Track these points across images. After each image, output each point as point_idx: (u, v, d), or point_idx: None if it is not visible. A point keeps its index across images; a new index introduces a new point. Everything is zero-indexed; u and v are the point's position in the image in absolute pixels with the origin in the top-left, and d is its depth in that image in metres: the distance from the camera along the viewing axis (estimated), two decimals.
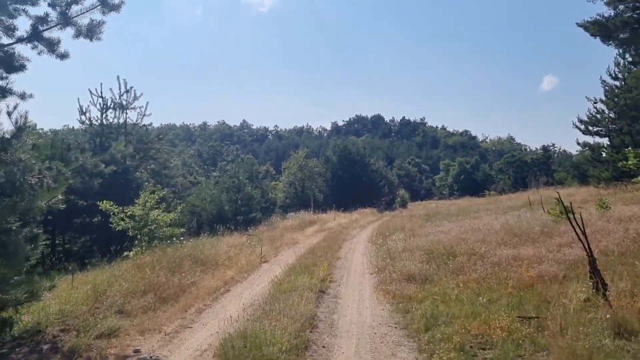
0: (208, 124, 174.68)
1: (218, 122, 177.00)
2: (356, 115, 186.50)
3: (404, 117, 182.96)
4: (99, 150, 25.88)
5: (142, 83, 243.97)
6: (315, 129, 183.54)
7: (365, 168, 59.62)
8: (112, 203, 17.44)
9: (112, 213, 17.39)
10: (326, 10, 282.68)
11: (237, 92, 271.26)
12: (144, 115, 26.87)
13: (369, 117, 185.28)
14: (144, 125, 27.02)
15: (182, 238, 18.42)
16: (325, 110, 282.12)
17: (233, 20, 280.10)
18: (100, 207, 17.54)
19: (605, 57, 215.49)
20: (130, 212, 17.34)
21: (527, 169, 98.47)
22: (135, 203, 17.68)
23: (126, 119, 26.63)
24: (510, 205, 29.65)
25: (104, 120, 26.35)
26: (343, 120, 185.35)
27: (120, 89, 26.36)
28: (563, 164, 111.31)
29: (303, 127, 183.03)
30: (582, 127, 35.54)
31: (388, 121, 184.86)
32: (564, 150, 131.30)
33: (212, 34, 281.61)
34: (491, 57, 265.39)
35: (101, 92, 26.25)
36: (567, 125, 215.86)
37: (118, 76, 26.30)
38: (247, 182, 34.86)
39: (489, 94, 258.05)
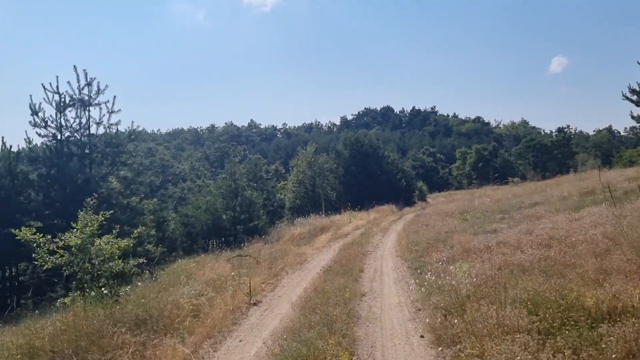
0: (216, 126, 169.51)
1: (226, 123, 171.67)
2: (365, 108, 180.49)
3: (414, 107, 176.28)
4: (56, 158, 20.60)
5: (148, 89, 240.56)
6: (324, 125, 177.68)
7: (380, 161, 53.83)
8: (34, 230, 11.90)
9: (35, 245, 11.84)
10: (328, 4, 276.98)
11: (244, 92, 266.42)
12: (111, 112, 21.41)
13: (379, 109, 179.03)
14: (112, 124, 21.51)
15: (134, 275, 12.87)
16: (333, 105, 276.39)
17: (236, 21, 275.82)
18: (17, 237, 11.96)
19: (618, 34, 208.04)
20: (64, 242, 11.87)
21: (548, 153, 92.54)
22: (73, 228, 12.22)
23: (89, 118, 21.22)
24: (563, 196, 23.86)
25: (62, 121, 20.95)
26: (352, 114, 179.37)
27: (79, 81, 20.97)
28: (581, 145, 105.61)
29: (312, 123, 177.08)
30: (634, 97, 29.70)
31: (398, 112, 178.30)
32: (580, 131, 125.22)
33: (216, 37, 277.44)
34: (497, 41, 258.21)
35: (57, 87, 20.85)
36: (581, 106, 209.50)
37: (75, 66, 20.86)
38: (246, 185, 29.35)
39: (498, 79, 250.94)
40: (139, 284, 13.45)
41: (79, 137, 21.21)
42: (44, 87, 20.58)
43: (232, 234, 27.84)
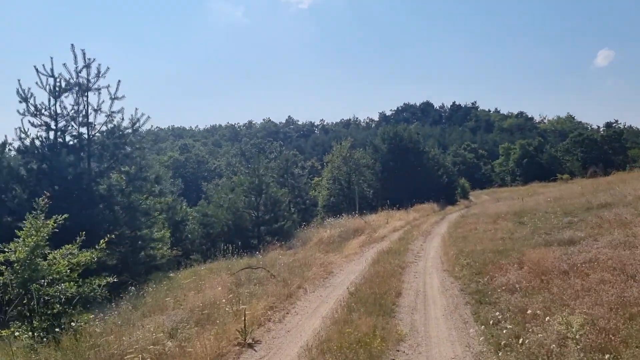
0: (253, 122, 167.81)
1: (263, 119, 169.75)
2: (404, 104, 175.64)
3: (454, 103, 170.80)
4: (48, 150, 17.85)
5: (187, 86, 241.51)
6: (362, 120, 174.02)
7: (420, 156, 49.84)
8: None
9: None
10: (366, 0, 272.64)
11: (282, 89, 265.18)
12: (114, 98, 18.43)
13: (418, 104, 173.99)
14: (114, 112, 18.54)
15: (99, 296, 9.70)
16: (372, 101, 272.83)
17: (274, 18, 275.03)
18: None
19: None
20: (4, 256, 8.86)
21: (598, 148, 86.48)
22: (19, 237, 9.18)
23: (87, 105, 18.33)
24: (639, 195, 19.78)
25: (57, 108, 18.12)
26: (391, 110, 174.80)
27: (76, 62, 18.07)
28: (632, 140, 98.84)
29: (350, 119, 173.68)
30: None
31: (438, 108, 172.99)
32: (630, 126, 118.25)
33: (254, 33, 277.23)
34: (540, 34, 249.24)
35: (52, 70, 18.01)
36: (629, 100, 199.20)
37: (72, 44, 17.97)
38: (271, 182, 26.15)
39: (541, 73, 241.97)
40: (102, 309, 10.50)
41: (75, 126, 18.35)
42: (36, 69, 17.77)
43: (256, 236, 24.78)
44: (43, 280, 8.81)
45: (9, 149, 18.26)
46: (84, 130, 18.45)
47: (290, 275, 13.45)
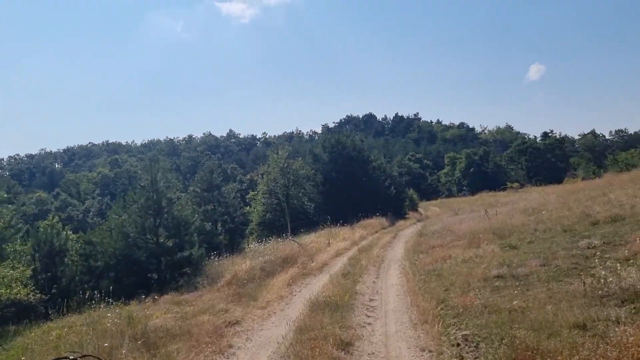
0: (194, 136, 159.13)
1: (204, 134, 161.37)
2: (347, 116, 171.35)
3: (397, 114, 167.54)
4: None
5: (126, 101, 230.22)
6: (305, 133, 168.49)
7: (365, 166, 43.88)
8: None
9: None
10: (306, 17, 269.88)
11: (223, 103, 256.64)
12: None
13: (361, 116, 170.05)
14: None
15: None
16: (315, 115, 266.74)
17: (215, 33, 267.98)
18: None
19: (594, 44, 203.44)
20: None
21: (541, 156, 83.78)
22: None
23: None
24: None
25: None
26: (334, 122, 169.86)
27: None
28: (568, 149, 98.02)
29: (293, 132, 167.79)
30: None
31: (381, 119, 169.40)
32: (565, 136, 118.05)
33: (194, 48, 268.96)
34: (476, 48, 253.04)
35: None
36: (560, 111, 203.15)
37: None
38: (174, 198, 19.57)
39: (479, 86, 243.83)
40: None
41: None
42: None
43: (155, 269, 18.22)
44: None
45: None
46: None
47: None
